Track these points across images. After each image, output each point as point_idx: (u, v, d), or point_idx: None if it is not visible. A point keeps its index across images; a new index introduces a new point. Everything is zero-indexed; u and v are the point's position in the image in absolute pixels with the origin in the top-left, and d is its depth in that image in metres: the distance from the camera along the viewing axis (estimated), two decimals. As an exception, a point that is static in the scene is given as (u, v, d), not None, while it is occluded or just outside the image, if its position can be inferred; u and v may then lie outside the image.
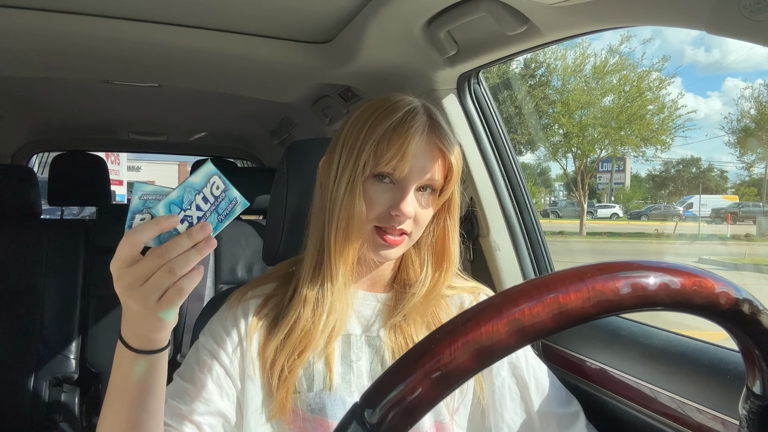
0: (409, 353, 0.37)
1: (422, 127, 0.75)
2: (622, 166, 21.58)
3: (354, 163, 0.75)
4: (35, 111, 2.33)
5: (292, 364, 0.74)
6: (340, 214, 0.75)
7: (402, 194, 0.75)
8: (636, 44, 32.88)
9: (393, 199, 0.75)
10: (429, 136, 0.76)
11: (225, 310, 0.81)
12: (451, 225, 0.82)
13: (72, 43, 1.27)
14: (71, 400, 2.02)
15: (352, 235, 0.75)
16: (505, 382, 0.84)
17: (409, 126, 0.74)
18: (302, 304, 0.77)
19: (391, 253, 0.78)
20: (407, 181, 0.75)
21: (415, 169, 0.75)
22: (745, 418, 0.45)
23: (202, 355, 0.78)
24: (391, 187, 0.76)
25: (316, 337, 0.76)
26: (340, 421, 0.37)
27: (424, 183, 0.77)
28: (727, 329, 0.41)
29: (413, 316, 0.81)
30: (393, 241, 0.76)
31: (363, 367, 0.79)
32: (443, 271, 0.83)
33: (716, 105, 55.91)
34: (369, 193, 0.76)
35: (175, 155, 4.68)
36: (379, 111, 0.77)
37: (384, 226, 0.76)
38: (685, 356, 0.84)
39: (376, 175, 0.76)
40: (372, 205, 0.76)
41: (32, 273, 2.02)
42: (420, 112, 0.77)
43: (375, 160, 0.75)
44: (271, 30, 1.25)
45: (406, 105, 0.77)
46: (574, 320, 0.36)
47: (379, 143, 0.74)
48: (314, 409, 0.76)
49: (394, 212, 0.75)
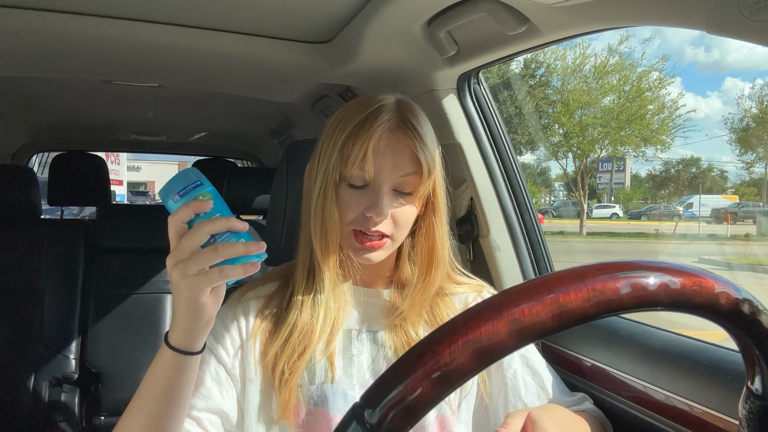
0: (409, 353, 0.37)
1: (386, 124, 0.74)
2: (622, 166, 21.58)
3: (326, 168, 0.75)
4: (35, 111, 2.33)
5: (293, 365, 0.75)
6: (316, 220, 0.76)
7: (375, 195, 0.74)
8: (636, 44, 32.91)
9: (367, 201, 0.75)
10: (395, 133, 0.74)
11: (225, 309, 0.81)
12: (438, 224, 0.81)
13: (72, 43, 1.27)
14: (71, 400, 2.02)
15: (329, 239, 0.76)
16: (518, 374, 0.84)
17: (371, 124, 0.73)
18: (299, 307, 0.78)
19: (373, 256, 0.77)
20: (379, 181, 0.74)
21: (384, 169, 0.74)
22: (745, 418, 0.45)
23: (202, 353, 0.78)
24: (364, 189, 0.75)
25: (315, 337, 0.76)
26: (341, 421, 0.37)
27: (398, 182, 0.76)
28: (727, 329, 0.41)
29: (412, 316, 0.81)
30: (372, 245, 0.76)
31: (364, 361, 0.79)
32: (433, 271, 0.82)
33: (716, 105, 55.96)
34: (343, 197, 0.76)
35: (175, 155, 4.68)
36: (349, 112, 0.76)
37: (361, 229, 0.76)
38: (685, 356, 0.84)
39: (348, 179, 0.75)
40: (347, 209, 0.76)
41: (32, 273, 2.02)
42: (387, 110, 0.75)
43: (342, 163, 0.74)
44: (271, 30, 1.25)
45: (374, 104, 0.76)
46: (574, 320, 0.36)
47: (344, 145, 0.74)
48: (316, 402, 0.76)
49: (368, 214, 0.74)
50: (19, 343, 1.95)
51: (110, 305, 2.16)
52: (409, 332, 0.80)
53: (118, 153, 17.63)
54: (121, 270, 2.20)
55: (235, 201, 2.26)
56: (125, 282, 2.20)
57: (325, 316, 0.77)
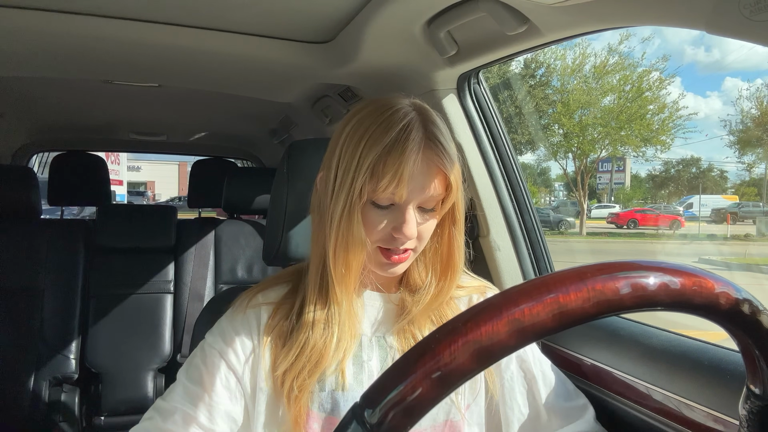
0: (409, 353, 0.37)
1: (418, 146, 0.71)
2: (622, 166, 21.57)
3: (350, 187, 0.72)
4: (35, 111, 2.33)
5: (302, 383, 0.73)
6: (338, 237, 0.73)
7: (403, 216, 0.73)
8: (635, 43, 32.92)
9: (394, 222, 0.73)
10: (426, 153, 0.72)
11: (235, 313, 0.80)
12: (457, 233, 0.81)
13: (72, 43, 1.27)
14: (71, 400, 2.02)
15: (351, 257, 0.73)
16: (514, 376, 0.84)
17: (403, 148, 0.70)
18: (310, 326, 0.75)
19: (398, 269, 0.77)
20: (407, 202, 0.73)
21: (414, 191, 0.72)
22: (745, 418, 0.45)
23: (210, 356, 0.76)
24: (391, 209, 0.74)
25: (328, 357, 0.75)
26: (341, 421, 0.37)
27: (424, 200, 0.74)
28: (727, 329, 0.41)
29: (420, 319, 0.80)
30: (398, 260, 0.75)
31: (374, 366, 0.79)
32: (447, 279, 0.82)
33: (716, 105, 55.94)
34: (369, 217, 0.73)
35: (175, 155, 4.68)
36: (374, 127, 0.72)
37: (387, 247, 0.75)
38: (685, 356, 0.84)
39: (376, 199, 0.73)
40: (373, 229, 0.74)
41: (32, 273, 2.02)
42: (415, 127, 0.72)
43: (371, 186, 0.71)
44: (271, 30, 1.25)
45: (400, 119, 0.72)
46: (574, 320, 0.36)
47: (374, 168, 0.71)
48: (326, 409, 0.75)
49: (396, 234, 0.73)
50: (19, 343, 1.95)
51: (110, 305, 2.16)
52: (417, 336, 0.79)
53: (118, 153, 17.62)
54: (121, 270, 2.20)
55: (235, 201, 2.26)
56: (125, 282, 2.20)
57: (339, 340, 0.76)
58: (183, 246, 2.28)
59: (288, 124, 2.36)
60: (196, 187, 2.76)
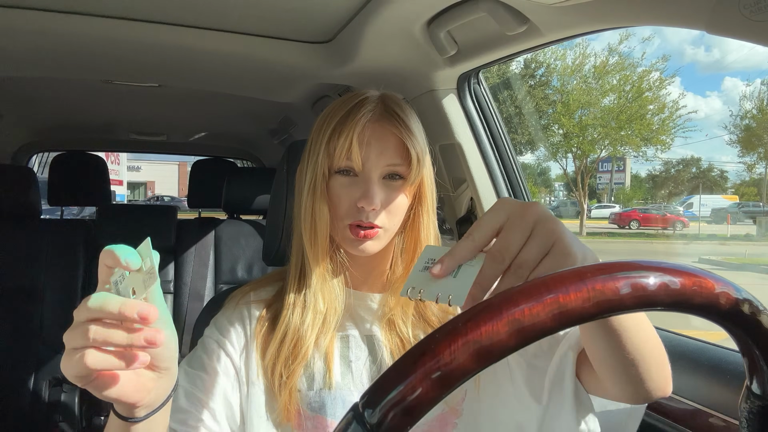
0: (409, 353, 0.37)
1: (369, 114, 0.75)
2: (622, 166, 21.57)
3: (314, 165, 0.76)
4: (35, 111, 2.33)
5: (289, 367, 0.75)
6: (306, 216, 0.76)
7: (365, 184, 0.74)
8: (635, 43, 32.90)
9: (357, 192, 0.74)
10: (380, 122, 0.75)
11: (230, 308, 0.82)
12: (423, 213, 0.80)
13: (72, 43, 1.27)
14: (71, 400, 2.02)
15: (318, 234, 0.76)
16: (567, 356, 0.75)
17: (355, 115, 0.74)
18: (290, 308, 0.78)
19: (368, 246, 0.76)
20: (368, 170, 0.75)
21: (371, 157, 0.74)
22: (745, 418, 0.45)
23: (209, 345, 0.78)
24: (354, 180, 0.75)
25: (307, 336, 0.76)
26: (340, 421, 0.37)
27: (388, 171, 0.75)
28: (727, 329, 0.41)
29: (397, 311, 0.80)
30: (364, 235, 0.75)
31: (362, 366, 0.79)
32: None
33: (716, 105, 55.96)
34: (334, 191, 0.76)
35: (175, 155, 4.69)
36: (334, 108, 0.77)
37: (356, 222, 0.75)
38: (685, 356, 0.84)
39: (338, 171, 0.75)
40: (339, 202, 0.75)
41: (32, 273, 2.02)
42: (371, 101, 0.76)
43: (329, 156, 0.75)
44: (271, 30, 1.25)
45: (358, 97, 0.77)
46: (574, 320, 0.36)
47: (330, 138, 0.75)
48: (314, 408, 0.76)
49: (360, 204, 0.74)
50: (19, 343, 1.95)
51: (110, 305, 2.16)
52: (402, 332, 0.79)
53: (118, 153, 17.63)
54: (120, 270, 2.20)
55: (235, 201, 2.26)
56: None
57: (314, 318, 0.77)
58: (183, 246, 2.28)
59: (288, 124, 2.36)
60: (195, 187, 2.77)
